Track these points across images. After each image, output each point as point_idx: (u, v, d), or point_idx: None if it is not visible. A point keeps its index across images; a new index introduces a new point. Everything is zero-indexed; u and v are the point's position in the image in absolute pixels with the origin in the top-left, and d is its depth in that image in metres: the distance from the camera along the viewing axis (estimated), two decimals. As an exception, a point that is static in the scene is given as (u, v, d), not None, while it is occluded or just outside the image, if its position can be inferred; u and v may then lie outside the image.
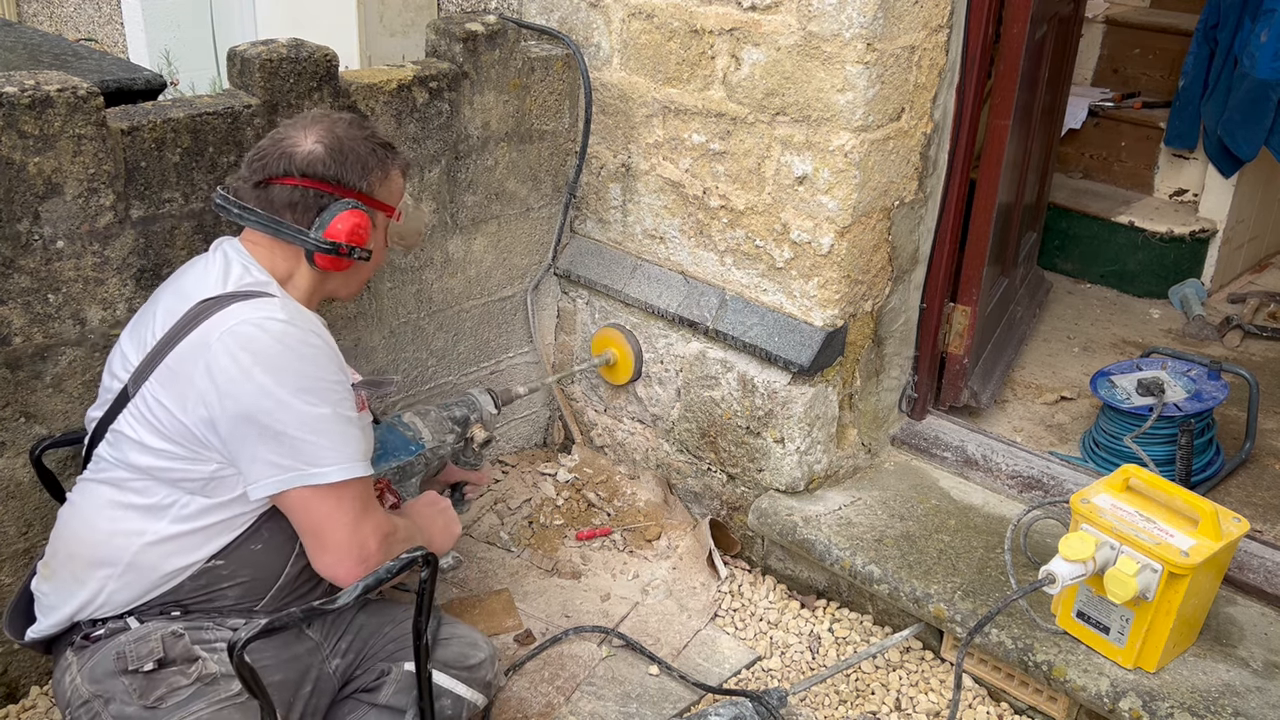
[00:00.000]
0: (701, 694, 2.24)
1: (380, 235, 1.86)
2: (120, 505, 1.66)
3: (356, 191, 1.77)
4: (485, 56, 2.51)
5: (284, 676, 1.71)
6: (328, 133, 1.76)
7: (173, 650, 1.62)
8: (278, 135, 1.77)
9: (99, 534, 1.66)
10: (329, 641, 1.85)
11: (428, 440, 2.10)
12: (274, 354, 1.60)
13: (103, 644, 1.65)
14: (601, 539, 2.68)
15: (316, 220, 1.74)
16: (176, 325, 1.65)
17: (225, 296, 1.67)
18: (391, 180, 1.84)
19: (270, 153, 1.74)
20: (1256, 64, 3.42)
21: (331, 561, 1.66)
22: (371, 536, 1.67)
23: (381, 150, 1.81)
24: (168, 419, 1.61)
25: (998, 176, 2.57)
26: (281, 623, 1.47)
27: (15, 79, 1.86)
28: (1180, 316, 3.76)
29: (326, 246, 1.74)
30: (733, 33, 2.35)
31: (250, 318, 1.62)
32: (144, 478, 1.65)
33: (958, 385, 2.77)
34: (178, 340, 1.63)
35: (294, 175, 1.72)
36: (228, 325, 1.61)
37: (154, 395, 1.63)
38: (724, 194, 2.50)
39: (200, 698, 1.61)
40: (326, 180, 1.74)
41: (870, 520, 2.47)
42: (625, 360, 2.75)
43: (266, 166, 1.73)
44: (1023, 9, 2.44)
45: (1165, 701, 1.96)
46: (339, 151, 1.75)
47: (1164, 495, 2.06)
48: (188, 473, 1.63)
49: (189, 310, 1.66)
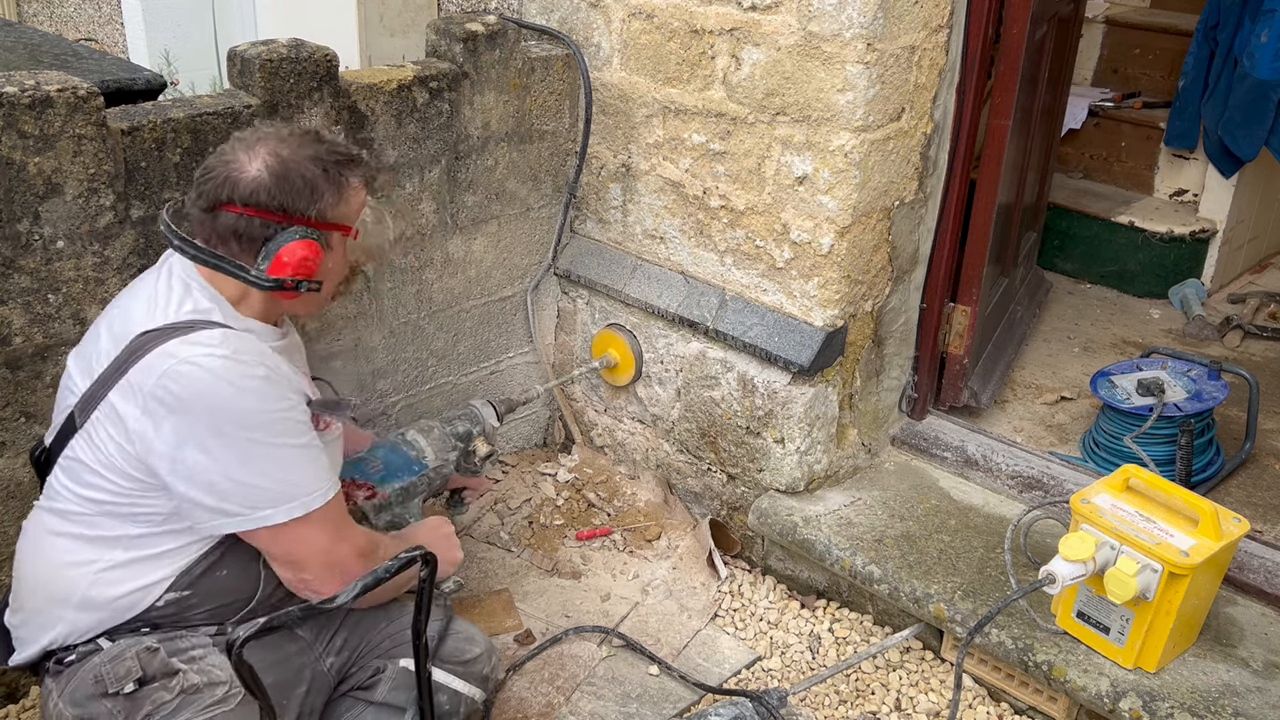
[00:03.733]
0: (701, 694, 2.24)
1: (338, 255, 1.76)
2: (69, 536, 1.63)
3: (304, 219, 1.66)
4: (485, 56, 2.51)
5: (276, 678, 1.70)
6: (273, 156, 1.65)
7: (150, 667, 1.60)
8: (225, 155, 1.67)
9: (52, 566, 1.64)
10: (321, 640, 1.84)
11: (431, 460, 2.10)
12: (214, 394, 1.54)
13: (77, 667, 1.63)
14: (601, 539, 2.68)
15: (262, 250, 1.65)
16: (118, 359, 1.60)
17: (166, 329, 1.60)
18: (348, 197, 1.72)
19: (216, 176, 1.65)
20: (1256, 64, 3.42)
21: (309, 582, 1.65)
22: (350, 558, 1.66)
23: (335, 168, 1.69)
24: (119, 455, 1.58)
25: (998, 176, 2.57)
26: (280, 622, 1.46)
27: (15, 79, 1.86)
28: (1180, 316, 3.76)
29: (268, 284, 1.66)
30: (733, 33, 2.35)
31: (189, 355, 1.55)
32: (94, 511, 1.62)
33: (958, 385, 2.77)
34: (118, 376, 1.58)
35: (237, 204, 1.63)
36: (166, 365, 1.54)
37: (104, 429, 1.59)
38: (724, 194, 2.50)
39: (186, 708, 1.59)
40: (271, 210, 1.64)
41: (870, 520, 2.47)
42: (627, 361, 2.75)
43: (212, 191, 1.64)
44: (1023, 9, 2.44)
45: (1165, 702, 1.96)
46: (284, 177, 1.64)
47: (1164, 495, 2.06)
48: (140, 506, 1.60)
49: (130, 343, 1.60)
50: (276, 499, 1.59)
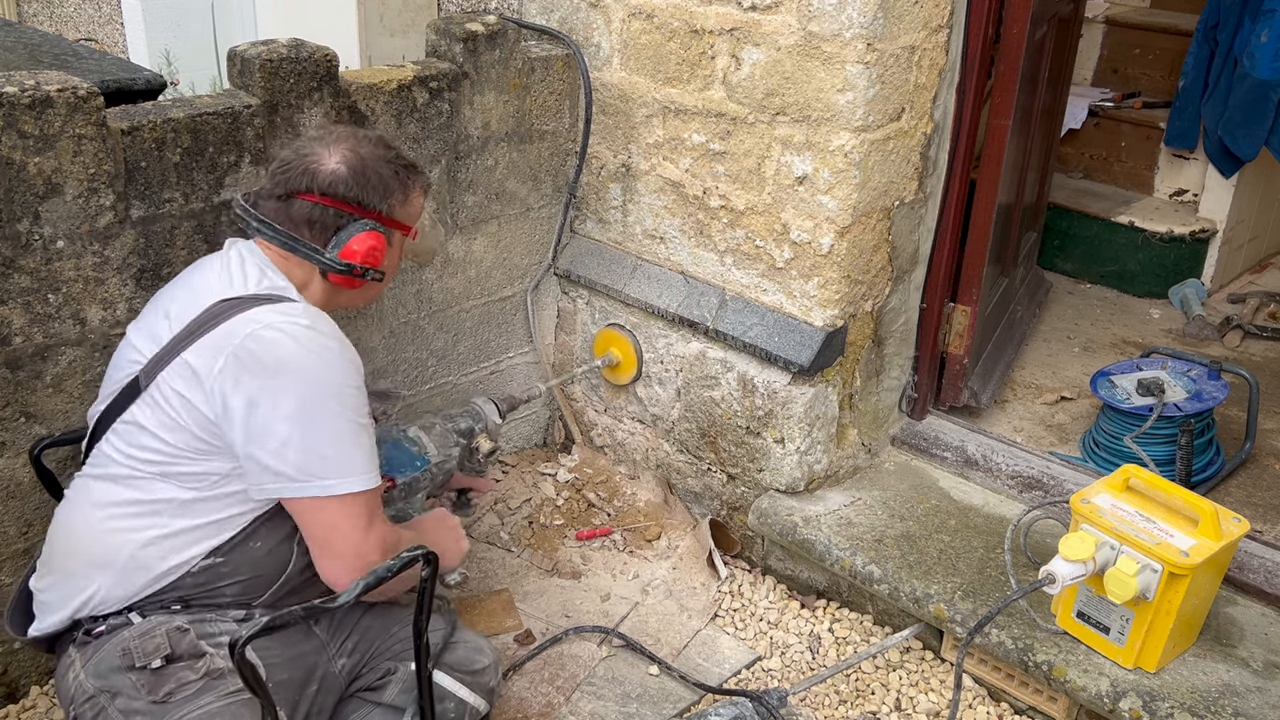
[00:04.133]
0: (701, 694, 2.24)
1: (396, 253, 1.88)
2: (117, 503, 1.66)
3: (376, 213, 1.79)
4: (485, 56, 2.51)
5: (289, 675, 1.71)
6: (352, 152, 1.77)
7: (179, 646, 1.63)
8: (302, 149, 1.79)
9: (95, 532, 1.66)
10: (335, 641, 1.85)
11: (433, 455, 2.10)
12: (296, 360, 1.61)
13: (106, 640, 1.65)
14: (601, 539, 2.68)
15: (334, 239, 1.77)
16: (196, 321, 1.66)
17: (248, 299, 1.68)
18: (412, 201, 1.86)
19: (294, 167, 1.76)
20: (1256, 64, 3.42)
21: (336, 568, 1.67)
22: (376, 549, 1.68)
23: (404, 172, 1.83)
24: (186, 413, 1.62)
25: (998, 176, 2.57)
26: (282, 621, 1.47)
27: (15, 79, 1.86)
28: (1180, 316, 3.76)
29: (341, 267, 1.77)
30: (733, 33, 2.35)
31: (274, 322, 1.63)
32: (148, 473, 1.65)
33: (958, 385, 2.77)
34: (197, 336, 1.64)
35: (315, 193, 1.74)
36: (251, 328, 1.62)
37: (171, 387, 1.63)
38: (724, 194, 2.50)
39: (209, 691, 1.62)
40: (347, 201, 1.76)
41: (870, 520, 2.47)
42: (629, 360, 2.74)
43: (289, 180, 1.75)
44: (1023, 9, 2.44)
45: (1165, 702, 1.96)
46: (361, 173, 1.77)
47: (1164, 495, 2.06)
48: (198, 467, 1.64)
49: (209, 307, 1.67)
50: (333, 470, 1.63)
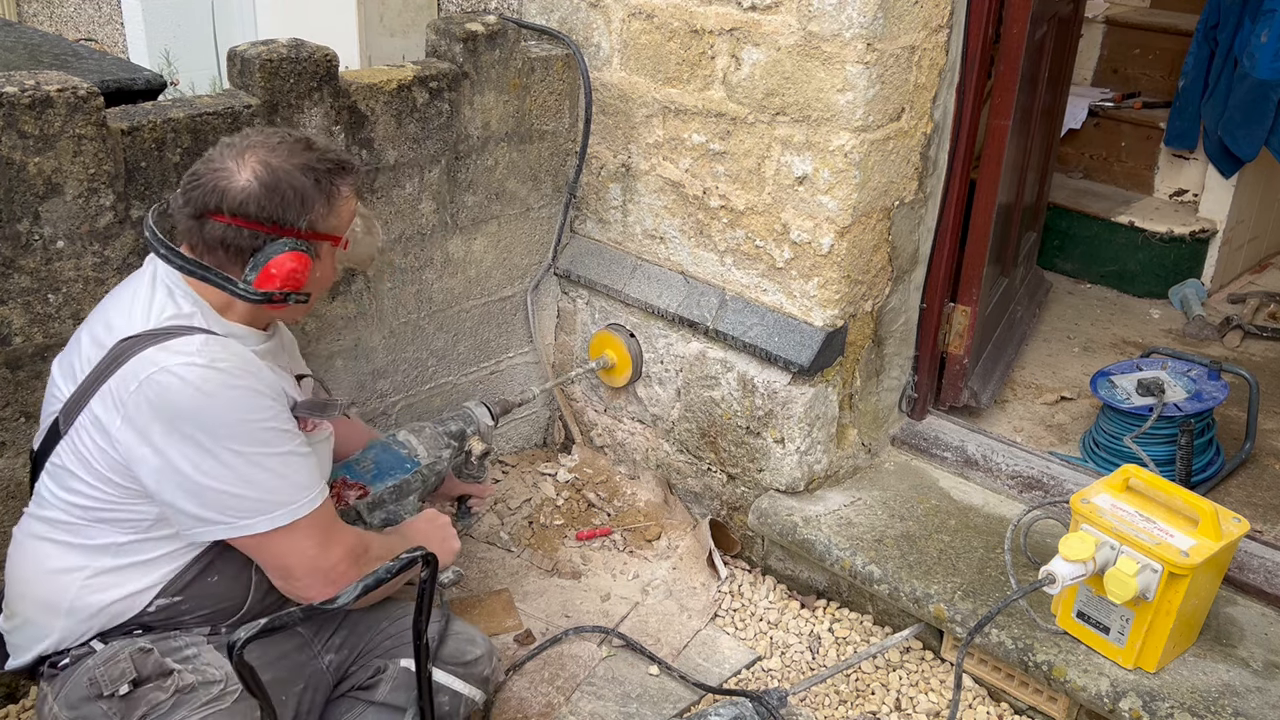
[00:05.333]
0: (701, 694, 2.24)
1: (326, 264, 1.72)
2: (57, 543, 1.63)
3: (295, 230, 1.63)
4: (485, 56, 2.51)
5: (274, 675, 1.70)
6: (263, 164, 1.60)
7: (144, 668, 1.60)
8: (213, 162, 1.62)
9: (41, 573, 1.64)
10: (320, 638, 1.84)
11: (423, 457, 2.10)
12: (192, 405, 1.52)
13: (71, 670, 1.63)
14: (601, 539, 2.68)
15: (250, 261, 1.61)
16: (99, 365, 1.58)
17: (146, 335, 1.57)
18: (338, 209, 1.68)
19: (204, 184, 1.60)
20: (1256, 64, 3.42)
21: (300, 588, 1.64)
22: (341, 560, 1.64)
23: (327, 177, 1.65)
24: (104, 460, 1.57)
25: (998, 176, 2.57)
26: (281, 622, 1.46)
27: (15, 79, 1.86)
28: (1180, 316, 3.76)
29: (256, 297, 1.63)
30: (733, 33, 2.35)
31: (167, 364, 1.52)
32: (83, 519, 1.61)
33: (958, 385, 2.77)
34: (100, 382, 1.56)
35: (225, 214, 1.59)
36: (145, 374, 1.52)
37: (88, 434, 1.57)
38: (724, 194, 2.50)
39: (181, 707, 1.59)
40: (261, 221, 1.60)
41: (870, 520, 2.47)
42: (624, 361, 2.74)
43: (200, 199, 1.60)
44: (1023, 9, 2.44)
45: (1165, 702, 1.96)
46: (275, 187, 1.60)
47: (1164, 495, 2.06)
48: (127, 511, 1.60)
49: (111, 349, 1.58)
50: (260, 508, 1.57)
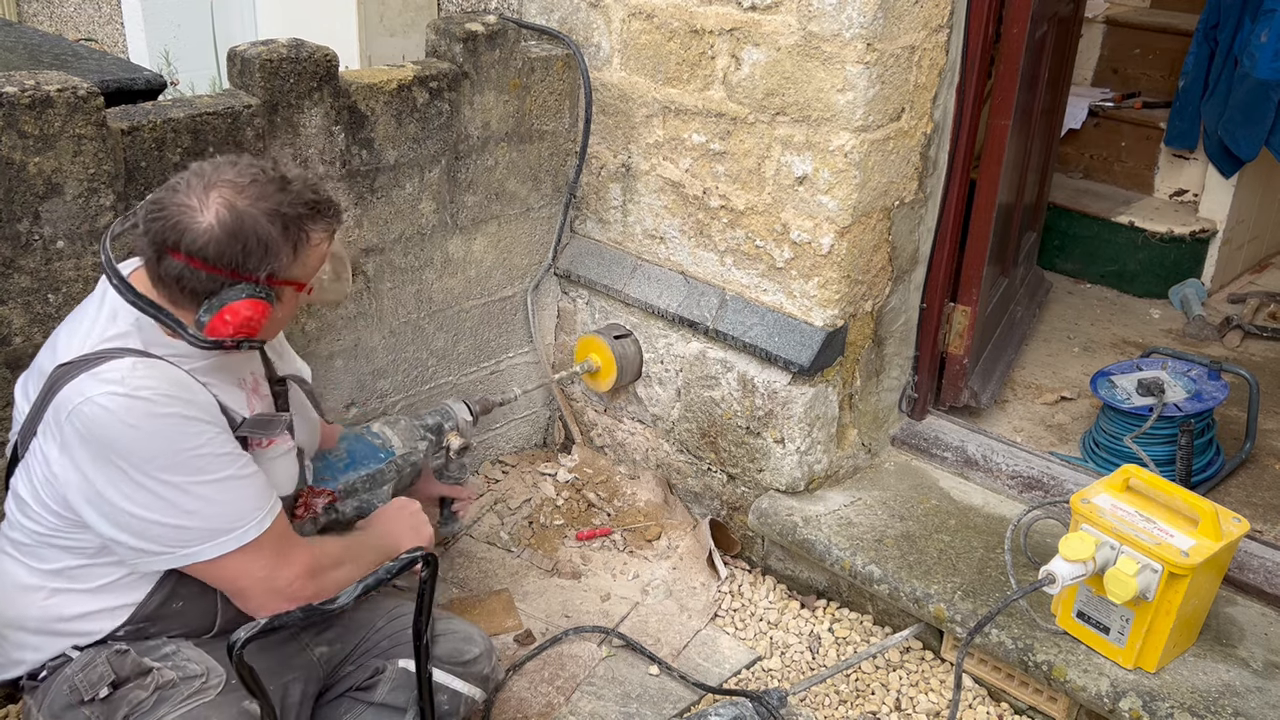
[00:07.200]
0: (701, 694, 2.24)
1: (287, 307, 1.64)
2: (20, 563, 1.63)
3: (254, 278, 1.53)
4: (485, 56, 2.51)
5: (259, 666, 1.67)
6: (228, 207, 1.50)
7: (123, 669, 1.59)
8: (178, 194, 1.52)
9: (8, 588, 1.64)
10: (310, 631, 1.84)
11: (397, 447, 2.10)
12: (119, 437, 1.46)
13: (51, 680, 1.63)
14: (601, 539, 2.68)
15: (205, 304, 1.52)
16: (41, 392, 1.55)
17: (79, 361, 1.52)
18: (306, 255, 1.59)
19: (165, 218, 1.50)
20: (1256, 64, 3.42)
21: (255, 607, 1.62)
22: (299, 575, 1.62)
23: (296, 225, 1.55)
24: (44, 489, 1.56)
25: (998, 176, 2.57)
26: (280, 622, 1.46)
27: (15, 79, 1.86)
28: (1180, 316, 3.76)
29: (206, 344, 1.56)
30: (733, 33, 2.35)
31: (93, 394, 1.47)
32: (39, 541, 1.60)
33: (958, 385, 2.77)
34: (42, 411, 1.54)
35: (183, 254, 1.49)
36: (73, 404, 1.48)
37: (37, 463, 1.56)
38: (724, 194, 2.50)
39: (164, 703, 1.59)
40: (220, 267, 1.50)
41: (870, 520, 2.47)
42: (609, 365, 2.72)
43: (160, 233, 1.50)
44: (1023, 9, 2.44)
45: (1165, 702, 1.96)
46: (237, 234, 1.50)
47: (1164, 495, 2.06)
48: (72, 539, 1.59)
49: (49, 375, 1.55)
50: (203, 536, 1.54)
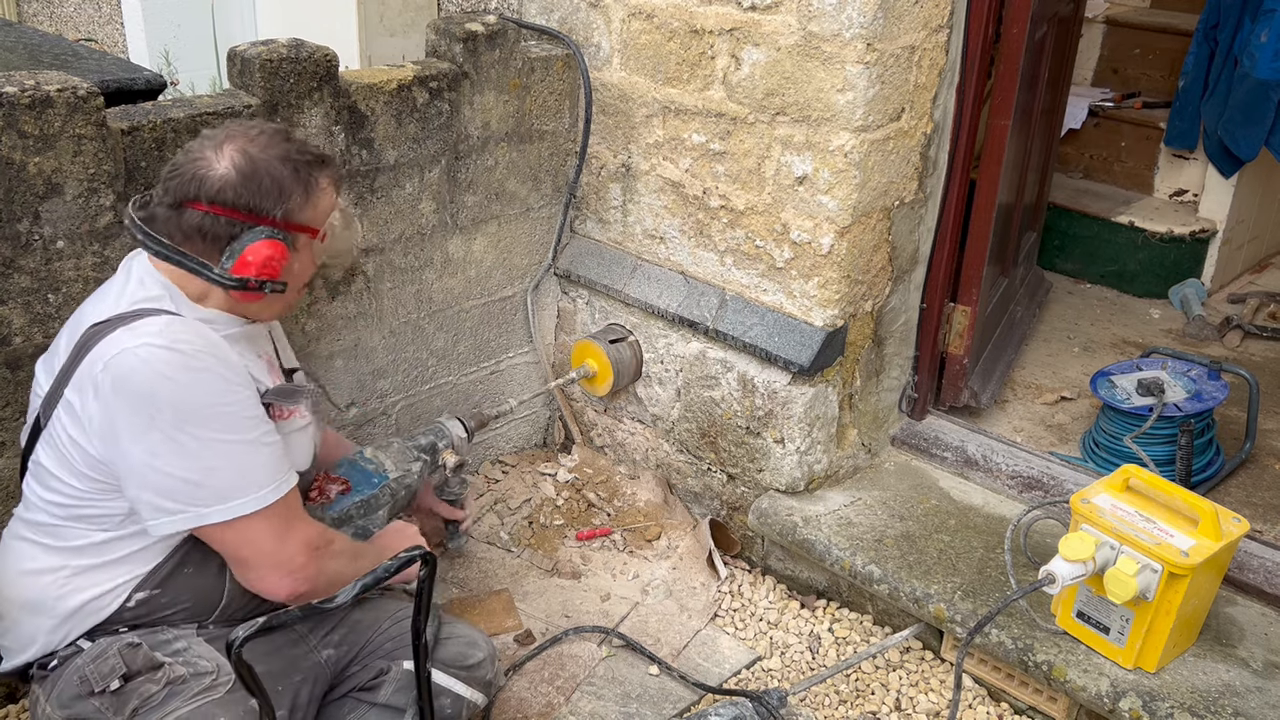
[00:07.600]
0: (701, 694, 2.24)
1: (304, 257, 1.73)
2: (36, 544, 1.64)
3: (271, 219, 1.64)
4: (485, 56, 2.51)
5: (267, 668, 1.68)
6: (241, 153, 1.63)
7: (134, 662, 1.60)
8: (193, 152, 1.65)
9: (19, 574, 1.64)
10: (317, 633, 1.84)
11: (391, 471, 2.09)
12: (151, 388, 1.51)
13: (61, 670, 1.63)
14: (601, 539, 2.68)
15: (227, 250, 1.63)
16: (72, 353, 1.59)
17: (114, 319, 1.58)
18: (316, 200, 1.70)
19: (183, 173, 1.63)
20: (1256, 64, 3.42)
21: (255, 579, 1.64)
22: (299, 552, 1.64)
23: (305, 168, 1.67)
24: (78, 454, 1.57)
25: (998, 176, 2.57)
26: (279, 621, 1.46)
27: (15, 79, 1.86)
28: (1180, 316, 3.76)
29: (231, 283, 1.64)
30: (733, 33, 2.35)
31: (128, 346, 1.52)
32: (61, 518, 1.61)
33: (958, 385, 2.77)
34: (73, 369, 1.57)
35: (203, 201, 1.61)
36: (108, 356, 1.52)
37: (63, 427, 1.58)
38: (724, 194, 2.50)
39: (175, 697, 1.60)
40: (238, 208, 1.61)
41: (870, 520, 2.47)
42: (605, 370, 2.72)
43: (179, 188, 1.62)
44: (1023, 9, 2.44)
45: (1165, 702, 1.96)
46: (252, 175, 1.62)
47: (1164, 495, 2.06)
48: (101, 507, 1.60)
49: (81, 335, 1.59)
50: (217, 496, 1.56)
